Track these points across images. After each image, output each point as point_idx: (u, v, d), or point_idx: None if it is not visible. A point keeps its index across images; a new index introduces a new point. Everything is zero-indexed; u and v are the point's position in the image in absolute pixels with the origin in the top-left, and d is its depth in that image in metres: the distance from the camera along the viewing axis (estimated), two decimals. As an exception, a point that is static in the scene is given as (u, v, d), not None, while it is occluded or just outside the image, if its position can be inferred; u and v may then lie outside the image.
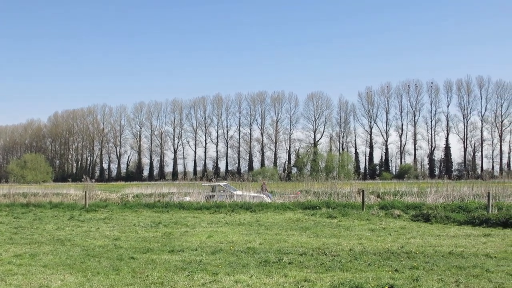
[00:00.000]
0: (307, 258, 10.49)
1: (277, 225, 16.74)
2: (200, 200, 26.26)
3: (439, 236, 13.90)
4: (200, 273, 8.92)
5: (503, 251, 11.30)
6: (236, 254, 11.00)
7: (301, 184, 38.37)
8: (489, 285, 7.93)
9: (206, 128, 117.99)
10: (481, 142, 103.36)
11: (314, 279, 8.36)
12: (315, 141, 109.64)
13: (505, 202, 21.37)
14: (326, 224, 17.06)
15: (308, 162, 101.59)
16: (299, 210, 21.77)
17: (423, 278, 8.36)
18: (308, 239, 13.52)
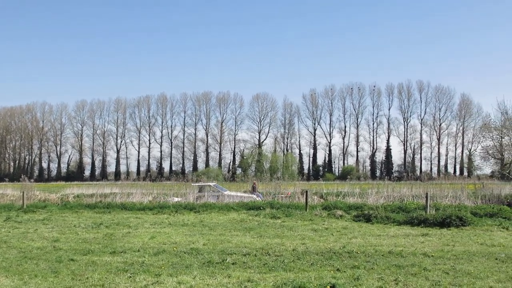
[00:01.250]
0: (250, 258, 10.51)
1: (221, 226, 16.71)
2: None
3: (379, 236, 14.22)
4: (142, 275, 8.79)
5: (440, 250, 11.68)
6: (179, 255, 10.90)
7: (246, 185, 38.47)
8: (426, 283, 8.18)
9: (150, 128, 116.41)
10: (420, 145, 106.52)
11: (257, 279, 8.38)
12: (260, 142, 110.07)
13: (442, 203, 22.10)
14: (269, 224, 17.15)
15: (253, 163, 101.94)
16: (243, 211, 21.78)
17: (363, 277, 8.54)
18: (252, 239, 13.56)
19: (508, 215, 17.98)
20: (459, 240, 13.40)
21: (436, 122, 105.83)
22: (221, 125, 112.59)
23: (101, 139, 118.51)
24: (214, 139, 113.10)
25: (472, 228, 15.82)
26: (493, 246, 12.29)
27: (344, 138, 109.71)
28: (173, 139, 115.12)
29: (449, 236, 14.12)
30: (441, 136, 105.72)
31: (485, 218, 17.56)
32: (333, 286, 7.75)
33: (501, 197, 25.79)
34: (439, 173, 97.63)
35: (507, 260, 10.29)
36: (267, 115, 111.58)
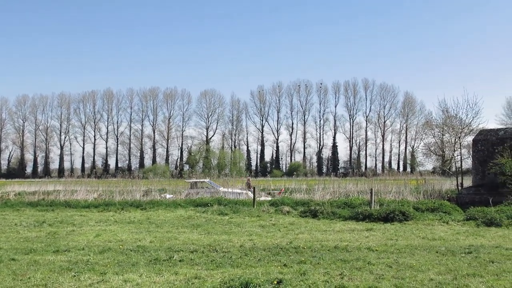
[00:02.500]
0: (198, 255, 10.47)
1: (168, 223, 16.57)
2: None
3: (325, 231, 14.43)
4: (87, 273, 8.61)
5: (383, 244, 11.96)
6: (125, 253, 10.74)
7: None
8: (370, 276, 8.36)
9: (96, 124, 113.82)
10: (366, 141, 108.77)
11: (204, 276, 8.35)
12: (208, 139, 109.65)
13: (386, 198, 22.66)
14: (217, 221, 17.14)
15: (201, 159, 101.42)
16: (191, 208, 21.67)
17: (310, 271, 8.64)
18: (199, 236, 13.51)
19: (449, 209, 18.59)
20: (402, 234, 13.76)
21: (381, 120, 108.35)
22: (169, 121, 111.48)
23: (44, 135, 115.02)
24: (161, 135, 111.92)
25: (414, 222, 16.27)
26: (434, 240, 12.69)
27: (292, 135, 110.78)
28: (119, 135, 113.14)
29: (393, 231, 14.48)
30: (385, 133, 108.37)
31: (426, 212, 18.08)
32: (280, 282, 7.81)
33: (442, 192, 26.65)
34: (383, 169, 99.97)
35: (447, 253, 10.64)
36: (215, 112, 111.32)
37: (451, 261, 9.76)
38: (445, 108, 29.70)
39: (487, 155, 21.97)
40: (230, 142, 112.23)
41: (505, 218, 15.72)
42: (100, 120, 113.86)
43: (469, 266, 9.21)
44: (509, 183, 20.09)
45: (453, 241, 12.47)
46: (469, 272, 8.65)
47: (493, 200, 19.06)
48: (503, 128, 25.47)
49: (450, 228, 15.12)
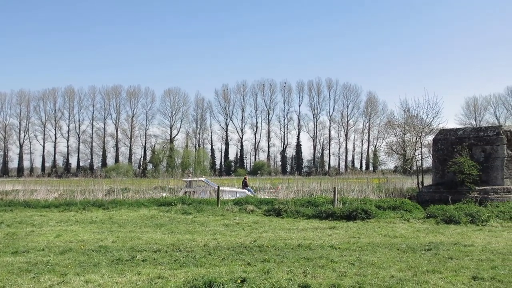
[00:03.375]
0: (161, 255, 10.39)
1: (131, 223, 16.40)
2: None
3: (289, 230, 14.52)
4: (47, 275, 8.45)
5: (346, 242, 12.11)
6: (87, 253, 10.58)
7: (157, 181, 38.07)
8: (333, 274, 8.45)
9: (57, 122, 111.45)
10: (329, 141, 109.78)
11: (168, 276, 8.31)
12: (172, 137, 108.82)
13: (349, 197, 22.97)
14: (181, 220, 17.06)
15: (164, 158, 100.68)
16: (154, 207, 21.50)
17: (273, 270, 8.69)
18: (162, 235, 13.42)
19: (409, 207, 18.92)
20: (364, 232, 13.95)
21: (344, 119, 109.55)
22: (132, 120, 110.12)
23: (2, 133, 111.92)
24: (124, 134, 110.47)
25: (376, 220, 16.53)
26: (395, 237, 12.91)
27: (256, 134, 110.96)
28: (81, 133, 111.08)
29: (355, 229, 14.66)
30: (348, 132, 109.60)
31: (388, 211, 18.35)
32: (244, 280, 7.82)
33: (403, 191, 27.13)
34: (347, 168, 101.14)
35: (407, 251, 10.85)
36: (179, 110, 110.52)
37: (411, 258, 9.96)
38: (407, 108, 30.26)
39: (447, 154, 22.44)
40: (195, 141, 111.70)
41: (464, 216, 16.09)
42: (61, 118, 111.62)
43: (429, 263, 9.41)
44: (467, 181, 20.57)
45: (414, 239, 12.71)
46: (429, 268, 8.84)
47: (452, 198, 19.47)
48: (462, 127, 26.07)
49: (411, 226, 15.41)
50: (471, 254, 10.42)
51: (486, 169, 21.32)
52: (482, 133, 22.11)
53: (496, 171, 21.14)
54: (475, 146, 21.92)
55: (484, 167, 21.28)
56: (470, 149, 21.86)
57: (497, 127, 22.63)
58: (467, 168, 20.64)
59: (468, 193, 20.34)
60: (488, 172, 21.31)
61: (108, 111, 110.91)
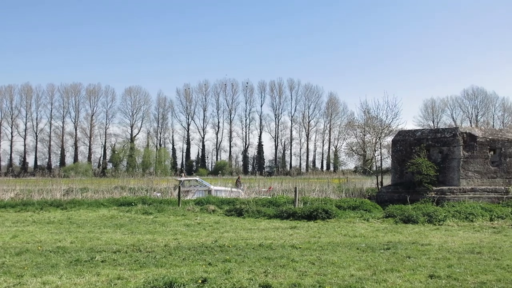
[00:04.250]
0: (121, 255, 10.27)
1: (90, 223, 16.14)
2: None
3: (250, 230, 14.55)
4: (3, 276, 8.23)
5: (307, 242, 12.20)
6: (44, 254, 10.35)
7: (117, 180, 37.53)
8: (294, 273, 8.51)
9: (13, 120, 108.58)
10: (291, 141, 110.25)
11: (127, 276, 8.21)
12: (132, 137, 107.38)
13: (310, 197, 23.14)
14: (141, 220, 16.89)
15: (125, 158, 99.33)
16: (114, 207, 21.22)
17: (234, 270, 8.69)
18: (122, 236, 13.26)
19: (369, 207, 19.21)
20: (324, 232, 14.09)
21: (305, 119, 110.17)
22: (91, 119, 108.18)
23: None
24: (83, 133, 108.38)
25: (336, 220, 16.72)
26: (355, 237, 13.09)
27: (218, 134, 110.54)
28: (38, 132, 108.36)
29: (316, 229, 14.80)
30: (309, 133, 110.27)
31: (348, 210, 18.59)
32: (205, 280, 7.80)
33: (363, 191, 27.51)
34: (308, 168, 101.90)
35: (367, 250, 11.01)
36: (140, 109, 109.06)
37: (370, 257, 10.11)
38: (367, 109, 30.78)
39: (405, 155, 22.86)
40: (156, 140, 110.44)
41: (421, 216, 16.44)
42: (18, 116, 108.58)
43: (387, 262, 9.58)
44: (425, 182, 21.00)
45: (373, 238, 12.91)
46: (387, 267, 8.99)
47: (410, 198, 19.86)
48: (420, 129, 26.61)
49: (370, 225, 15.65)
50: (428, 253, 10.65)
51: (443, 170, 21.81)
52: (440, 134, 22.61)
53: (453, 172, 21.66)
54: (432, 147, 22.41)
55: (441, 168, 21.77)
56: (428, 150, 22.33)
57: (454, 128, 23.19)
58: (425, 169, 21.07)
59: (426, 193, 20.77)
60: (445, 172, 21.81)
61: (67, 109, 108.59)
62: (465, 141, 21.77)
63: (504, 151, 22.10)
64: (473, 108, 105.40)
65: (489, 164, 21.93)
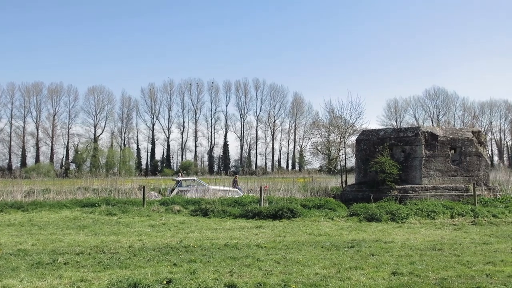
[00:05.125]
0: (84, 257, 10.11)
1: (52, 225, 15.85)
2: None
3: (216, 230, 14.52)
4: (-39, 281, 8.02)
5: (272, 241, 12.25)
6: (4, 258, 10.11)
7: (80, 181, 37.01)
8: (259, 273, 8.53)
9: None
10: (256, 140, 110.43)
11: (91, 279, 8.09)
12: (96, 137, 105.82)
13: (275, 196, 23.24)
14: (105, 221, 16.67)
15: (88, 158, 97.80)
16: (77, 208, 20.88)
17: (200, 270, 8.66)
18: (86, 237, 13.06)
19: (334, 206, 19.39)
20: (290, 231, 14.17)
21: (271, 119, 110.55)
22: (53, 118, 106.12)
23: None
24: (45, 133, 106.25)
25: (301, 219, 16.82)
26: (320, 236, 13.20)
27: (183, 134, 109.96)
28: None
29: (281, 228, 14.87)
30: (275, 132, 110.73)
31: (313, 209, 18.72)
32: (170, 281, 7.75)
33: (328, 190, 27.76)
34: (273, 167, 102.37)
35: (331, 248, 11.11)
36: (103, 109, 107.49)
37: (335, 255, 10.21)
38: (331, 109, 31.05)
39: (369, 154, 23.15)
40: (120, 140, 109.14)
41: (385, 214, 16.70)
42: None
43: (351, 260, 9.69)
44: (388, 180, 21.32)
45: (337, 236, 13.05)
46: (352, 265, 9.10)
47: (374, 197, 20.13)
48: (383, 128, 27.00)
49: (335, 224, 15.80)
50: (391, 250, 10.83)
51: (405, 169, 22.19)
52: (402, 133, 22.99)
53: (415, 170, 22.05)
54: (395, 146, 22.77)
55: (404, 167, 22.13)
56: (391, 149, 22.68)
57: (416, 128, 23.61)
58: (388, 168, 21.38)
59: (389, 192, 21.09)
60: (407, 171, 22.19)
61: (28, 109, 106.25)
62: (427, 140, 22.19)
63: (464, 150, 22.62)
64: (434, 108, 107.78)
65: (450, 162, 22.40)
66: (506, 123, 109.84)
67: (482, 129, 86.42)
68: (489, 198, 21.03)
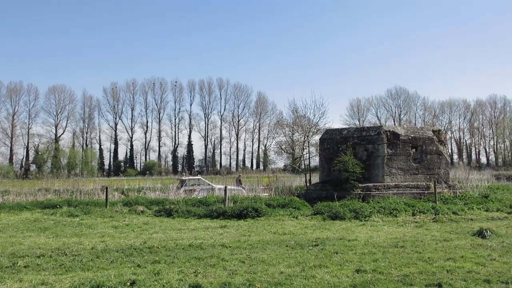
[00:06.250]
0: (45, 260, 9.91)
1: (11, 227, 15.48)
2: None
3: (180, 230, 14.44)
4: None
5: (237, 240, 12.24)
6: (-39, 261, 9.84)
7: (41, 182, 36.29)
8: (224, 272, 8.52)
9: None
10: (220, 140, 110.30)
11: (52, 281, 7.94)
12: (57, 137, 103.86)
13: (239, 196, 23.20)
14: (67, 223, 16.38)
15: (49, 159, 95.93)
16: (38, 210, 20.47)
17: (164, 271, 8.59)
18: (47, 239, 12.80)
19: (298, 205, 19.49)
20: (254, 230, 14.19)
21: (235, 119, 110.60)
22: (13, 118, 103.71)
23: None
24: (4, 133, 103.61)
25: (266, 218, 16.86)
26: (285, 234, 13.25)
27: (146, 133, 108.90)
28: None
29: (246, 227, 14.88)
30: (239, 132, 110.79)
31: (278, 208, 18.78)
32: (133, 283, 7.67)
33: (292, 189, 27.89)
34: (238, 167, 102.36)
35: (296, 247, 11.18)
36: (65, 108, 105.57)
37: (299, 254, 10.27)
38: (295, 108, 31.24)
39: (333, 153, 23.35)
40: (82, 140, 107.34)
41: (348, 212, 16.88)
42: None
43: (316, 258, 9.76)
44: (351, 179, 21.53)
45: (302, 235, 13.13)
46: (316, 263, 9.17)
47: (338, 195, 20.30)
48: (346, 127, 27.28)
49: (299, 223, 15.89)
50: (355, 248, 10.95)
51: (368, 167, 22.46)
52: (365, 133, 23.27)
53: (378, 169, 22.36)
54: (358, 145, 23.03)
55: (367, 165, 22.40)
56: (354, 148, 22.91)
57: (378, 127, 23.92)
58: (351, 166, 21.60)
59: (353, 190, 21.30)
60: (370, 170, 22.47)
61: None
62: (389, 139, 22.52)
63: (425, 149, 23.04)
64: (396, 107, 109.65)
65: (411, 161, 22.79)
66: (465, 122, 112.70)
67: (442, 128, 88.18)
68: (449, 195, 21.46)
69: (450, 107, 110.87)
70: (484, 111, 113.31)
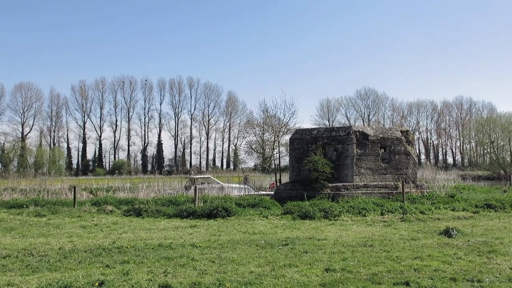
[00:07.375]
0: (11, 260, 9.73)
1: (-24, 227, 15.17)
2: None
3: (149, 230, 14.33)
4: None
5: (207, 240, 12.22)
6: None
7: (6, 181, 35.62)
8: (194, 272, 8.50)
9: None
10: (190, 139, 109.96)
11: (19, 282, 7.81)
12: (24, 135, 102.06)
13: (210, 195, 23.18)
14: (34, 223, 16.11)
15: (15, 158, 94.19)
16: (3, 210, 20.09)
17: (133, 271, 8.53)
18: (13, 240, 12.57)
19: (268, 205, 19.54)
20: (224, 230, 14.18)
21: (205, 118, 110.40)
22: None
23: None
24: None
25: (236, 218, 16.87)
26: (255, 234, 13.28)
27: (115, 132, 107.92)
28: None
29: (216, 227, 14.86)
30: (209, 131, 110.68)
31: (248, 208, 18.80)
32: (102, 283, 7.59)
33: (262, 188, 28.01)
34: (208, 166, 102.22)
35: (266, 246, 11.21)
36: (31, 107, 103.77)
37: (269, 253, 10.31)
38: (265, 108, 31.34)
39: (303, 153, 23.47)
40: (49, 139, 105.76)
41: (318, 211, 17.00)
42: None
43: (285, 257, 9.81)
44: (321, 179, 21.68)
45: (272, 235, 13.17)
46: (286, 263, 9.22)
47: (308, 195, 20.43)
48: (316, 127, 27.46)
49: (269, 222, 15.94)
50: (324, 247, 11.04)
51: (338, 167, 22.65)
52: (335, 133, 23.46)
53: (347, 169, 22.56)
54: (328, 145, 23.20)
55: (336, 165, 22.59)
56: (324, 148, 23.08)
57: (347, 127, 24.16)
58: (321, 166, 21.75)
59: (322, 190, 21.46)
60: (340, 169, 22.67)
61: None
62: (358, 139, 22.75)
63: (393, 149, 23.35)
64: (365, 107, 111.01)
65: (380, 161, 23.07)
66: (432, 123, 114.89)
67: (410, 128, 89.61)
68: (416, 195, 21.80)
69: (418, 108, 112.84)
70: (451, 112, 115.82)
